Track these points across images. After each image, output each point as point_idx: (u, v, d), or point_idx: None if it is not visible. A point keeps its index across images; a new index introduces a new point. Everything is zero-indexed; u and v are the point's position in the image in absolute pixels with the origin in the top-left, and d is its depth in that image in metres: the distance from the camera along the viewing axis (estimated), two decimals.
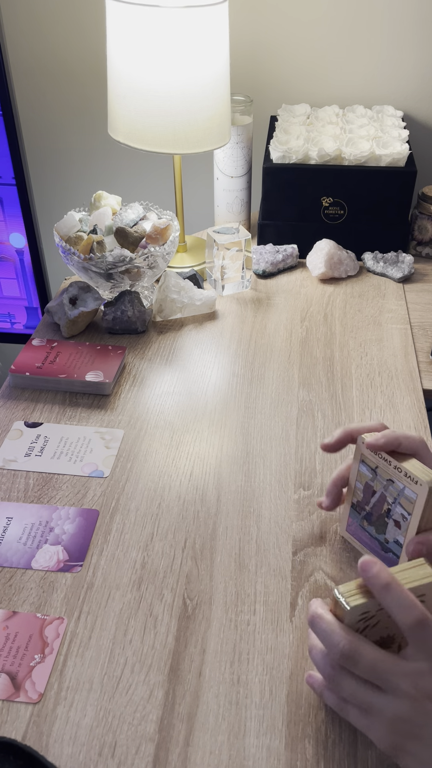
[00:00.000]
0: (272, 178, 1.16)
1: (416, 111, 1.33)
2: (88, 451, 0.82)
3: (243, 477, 0.78)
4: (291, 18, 1.27)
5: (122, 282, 1.01)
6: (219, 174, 1.20)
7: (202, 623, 0.63)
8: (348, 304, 1.09)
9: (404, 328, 1.04)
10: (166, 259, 1.02)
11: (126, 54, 0.97)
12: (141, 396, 0.91)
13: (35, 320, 1.39)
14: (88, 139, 1.44)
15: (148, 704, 0.57)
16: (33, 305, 1.36)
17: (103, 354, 0.95)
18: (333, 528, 0.72)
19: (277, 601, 0.65)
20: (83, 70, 1.36)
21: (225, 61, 1.00)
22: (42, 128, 1.44)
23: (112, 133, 1.07)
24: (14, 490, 0.77)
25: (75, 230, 1.03)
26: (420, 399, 0.89)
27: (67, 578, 0.67)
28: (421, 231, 1.22)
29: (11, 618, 0.63)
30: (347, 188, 1.15)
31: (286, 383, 0.92)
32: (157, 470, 0.79)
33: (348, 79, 1.32)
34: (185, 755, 0.54)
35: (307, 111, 1.28)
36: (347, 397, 0.90)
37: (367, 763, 0.53)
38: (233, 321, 1.06)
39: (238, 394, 0.91)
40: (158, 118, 0.99)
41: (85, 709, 0.57)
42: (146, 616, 0.63)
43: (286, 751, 0.54)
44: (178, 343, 1.01)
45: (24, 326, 1.40)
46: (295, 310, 1.08)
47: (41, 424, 0.86)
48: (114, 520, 0.73)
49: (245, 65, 1.32)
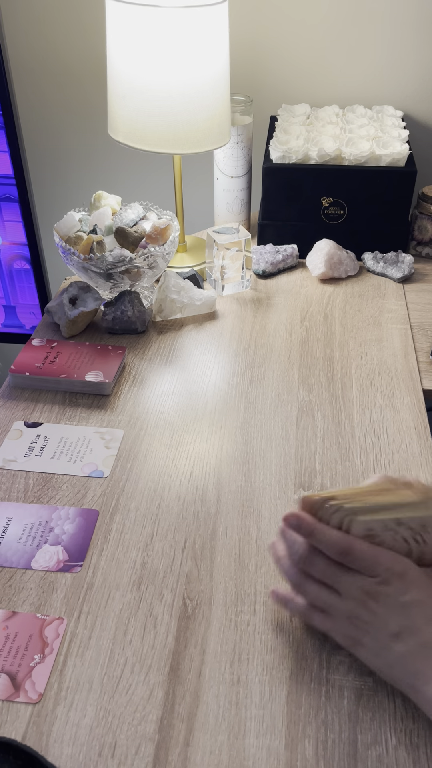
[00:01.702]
0: (272, 178, 1.16)
1: (416, 111, 1.33)
2: (88, 451, 0.82)
3: (243, 477, 0.78)
4: (291, 18, 1.27)
5: (122, 282, 1.01)
6: (219, 174, 1.20)
7: (202, 623, 0.63)
8: (348, 304, 1.09)
9: (404, 328, 1.04)
10: (166, 259, 1.02)
11: (126, 54, 0.97)
12: (141, 396, 0.91)
13: (13, 318, 1.39)
14: (88, 139, 1.44)
15: (148, 704, 0.57)
16: (10, 303, 1.36)
17: (103, 354, 0.95)
18: None
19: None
20: (83, 70, 1.36)
21: (225, 61, 1.00)
22: (42, 128, 1.44)
23: (112, 133, 1.07)
24: (14, 490, 0.77)
25: (75, 230, 1.03)
26: (420, 399, 0.89)
27: (67, 578, 0.67)
28: (421, 231, 1.22)
29: (11, 618, 0.63)
30: (347, 188, 1.15)
31: (286, 383, 0.92)
32: (157, 470, 0.79)
33: (348, 79, 1.32)
34: (185, 755, 0.54)
35: (307, 111, 1.28)
36: (347, 397, 0.90)
37: (367, 763, 0.53)
38: (233, 321, 1.06)
39: (238, 394, 0.91)
40: (158, 118, 0.99)
41: (85, 709, 0.57)
42: (146, 616, 0.63)
43: (286, 751, 0.54)
44: (178, 343, 1.01)
45: (2, 324, 1.40)
46: (295, 310, 1.08)
47: (41, 424, 0.86)
48: (114, 520, 0.73)
49: (245, 65, 1.32)
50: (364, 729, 0.55)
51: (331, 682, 0.58)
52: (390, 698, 0.57)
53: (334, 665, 0.60)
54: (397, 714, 0.56)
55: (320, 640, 0.62)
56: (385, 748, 0.54)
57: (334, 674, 0.59)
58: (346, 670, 0.59)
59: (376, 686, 0.58)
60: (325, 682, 0.58)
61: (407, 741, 0.54)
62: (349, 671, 0.59)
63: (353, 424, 0.85)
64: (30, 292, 1.35)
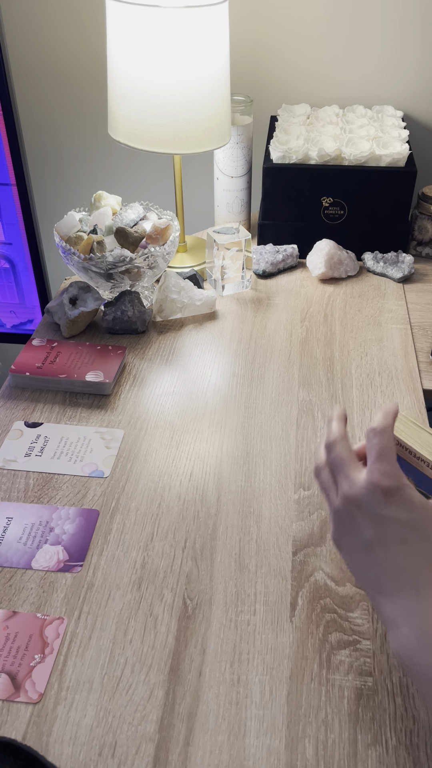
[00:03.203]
0: (272, 178, 1.16)
1: (416, 111, 1.33)
2: (88, 451, 0.82)
3: (243, 477, 0.78)
4: (291, 18, 1.27)
5: (122, 282, 1.01)
6: (219, 174, 1.20)
7: (202, 623, 0.63)
8: (348, 304, 1.09)
9: (404, 328, 1.04)
10: (166, 259, 1.02)
11: (126, 54, 0.97)
12: (141, 396, 0.91)
13: None
14: (88, 139, 1.44)
15: (148, 704, 0.57)
16: None
17: (103, 354, 0.95)
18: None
19: (277, 601, 0.65)
20: (83, 70, 1.36)
21: (225, 61, 1.00)
22: (42, 128, 1.44)
23: (112, 133, 1.07)
24: (14, 490, 0.77)
25: (75, 230, 1.03)
26: (420, 399, 0.89)
27: (67, 578, 0.67)
28: (421, 231, 1.22)
29: (11, 618, 0.63)
30: (347, 188, 1.15)
31: (286, 383, 0.92)
32: (157, 470, 0.79)
33: (348, 79, 1.32)
34: (185, 755, 0.54)
35: (307, 111, 1.28)
36: (347, 397, 0.90)
37: (367, 763, 0.53)
38: (233, 321, 1.06)
39: (238, 394, 0.91)
40: (158, 118, 0.99)
41: (85, 709, 0.57)
42: (146, 616, 0.63)
43: (286, 751, 0.54)
44: (178, 343, 1.01)
45: None
46: (295, 310, 1.08)
47: (41, 424, 0.86)
48: (114, 520, 0.73)
49: (245, 65, 1.32)
50: (364, 729, 0.55)
51: (331, 682, 0.59)
52: (390, 698, 0.57)
53: (334, 665, 0.60)
54: (397, 714, 0.56)
55: (320, 640, 0.62)
56: (385, 748, 0.54)
57: (334, 674, 0.59)
58: (346, 670, 0.59)
59: (376, 686, 0.58)
60: (325, 682, 0.58)
61: (407, 741, 0.54)
62: (349, 671, 0.59)
63: (353, 424, 0.85)
64: (9, 291, 1.35)
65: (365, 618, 0.63)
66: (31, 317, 1.42)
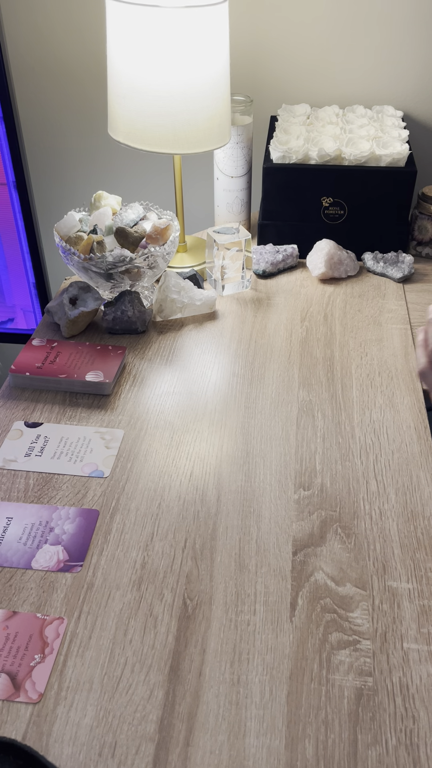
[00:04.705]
0: (272, 178, 1.16)
1: (416, 111, 1.33)
2: (88, 451, 0.82)
3: (243, 477, 0.78)
4: (291, 18, 1.27)
5: (122, 282, 1.01)
6: (219, 174, 1.20)
7: (202, 623, 0.63)
8: (348, 304, 1.09)
9: (404, 328, 1.04)
10: (166, 259, 1.02)
11: (126, 54, 0.97)
12: (141, 396, 0.91)
13: None
14: (88, 139, 1.44)
15: (148, 704, 0.57)
16: None
17: (103, 354, 0.95)
18: (333, 528, 0.72)
19: (277, 601, 0.65)
20: (83, 70, 1.36)
21: (225, 61, 1.00)
22: (42, 128, 1.44)
23: (112, 133, 1.07)
24: (14, 490, 0.77)
25: (75, 230, 1.03)
26: (420, 399, 0.89)
27: (67, 578, 0.67)
28: (421, 231, 1.22)
29: (11, 618, 0.63)
30: (347, 188, 1.15)
31: (286, 383, 0.92)
32: (157, 470, 0.79)
33: (348, 79, 1.32)
34: (185, 755, 0.54)
35: (307, 111, 1.28)
36: (347, 397, 0.90)
37: (367, 763, 0.53)
38: (233, 321, 1.06)
39: (238, 394, 0.91)
40: (158, 118, 0.99)
41: (85, 709, 0.57)
42: (146, 616, 0.63)
43: (286, 751, 0.54)
44: (178, 343, 1.01)
45: None
46: (295, 310, 1.08)
47: (41, 424, 0.86)
48: (114, 520, 0.73)
49: (245, 65, 1.32)
50: (364, 729, 0.55)
51: (331, 682, 0.59)
52: (390, 698, 0.57)
53: (334, 665, 0.60)
54: (397, 714, 0.56)
55: (320, 640, 0.62)
56: (385, 748, 0.54)
57: (334, 674, 0.59)
58: (346, 670, 0.59)
59: (376, 686, 0.58)
60: (325, 682, 0.58)
61: (407, 741, 0.54)
62: (349, 671, 0.59)
63: (353, 424, 0.85)
64: None
65: (365, 618, 0.63)
66: (11, 315, 1.40)
